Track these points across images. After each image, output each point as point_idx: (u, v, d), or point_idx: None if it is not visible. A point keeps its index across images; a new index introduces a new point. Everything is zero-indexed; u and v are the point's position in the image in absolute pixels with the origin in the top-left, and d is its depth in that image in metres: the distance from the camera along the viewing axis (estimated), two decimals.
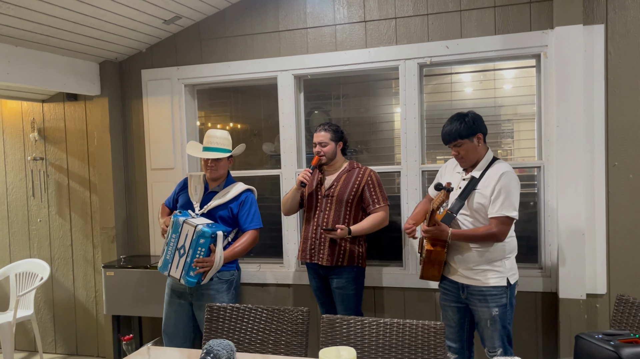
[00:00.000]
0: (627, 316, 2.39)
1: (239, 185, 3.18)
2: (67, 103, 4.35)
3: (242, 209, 3.10)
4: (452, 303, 2.85)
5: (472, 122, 2.69)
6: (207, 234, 2.86)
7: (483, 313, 2.72)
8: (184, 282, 2.91)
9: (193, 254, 2.87)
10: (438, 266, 2.79)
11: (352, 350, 1.59)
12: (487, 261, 2.70)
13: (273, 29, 3.81)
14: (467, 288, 2.75)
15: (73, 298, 4.47)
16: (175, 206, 3.26)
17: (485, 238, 2.65)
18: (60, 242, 4.48)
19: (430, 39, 3.48)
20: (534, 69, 3.46)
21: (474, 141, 2.70)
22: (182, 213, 3.01)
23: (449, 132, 2.70)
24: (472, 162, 2.74)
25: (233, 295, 3.14)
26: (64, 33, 3.44)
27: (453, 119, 2.73)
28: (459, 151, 2.72)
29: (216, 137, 3.12)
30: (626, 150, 3.17)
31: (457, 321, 2.86)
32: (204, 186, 3.17)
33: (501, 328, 2.71)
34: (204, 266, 2.90)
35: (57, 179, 4.44)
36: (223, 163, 3.13)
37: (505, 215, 2.61)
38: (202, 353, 1.92)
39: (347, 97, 3.94)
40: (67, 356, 4.51)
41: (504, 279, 2.70)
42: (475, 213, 2.70)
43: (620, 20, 3.14)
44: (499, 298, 2.70)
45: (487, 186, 2.67)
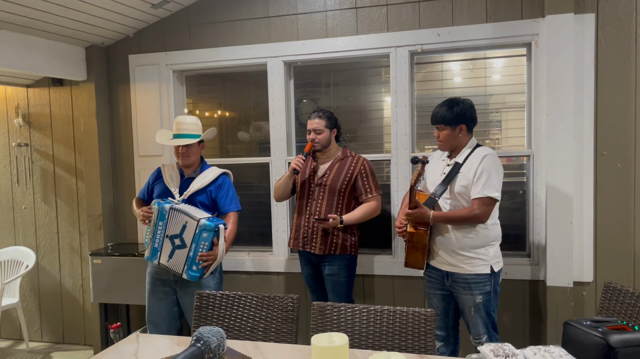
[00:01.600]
0: (615, 303, 2.42)
1: (215, 169, 3.16)
2: (53, 89, 4.27)
3: (220, 192, 3.09)
4: (437, 291, 2.88)
5: (459, 112, 2.74)
6: (211, 228, 2.84)
7: (467, 300, 2.74)
8: (187, 277, 2.89)
9: (196, 248, 2.85)
10: (422, 251, 2.80)
11: (344, 336, 1.59)
12: (470, 247, 2.71)
13: (263, 14, 3.76)
14: (451, 276, 2.77)
15: (59, 286, 4.43)
16: (150, 197, 3.21)
17: (467, 219, 2.67)
18: (46, 230, 4.42)
19: (422, 26, 3.46)
20: (524, 58, 3.46)
21: (455, 130, 2.76)
22: (164, 200, 2.98)
23: (436, 114, 2.79)
24: (448, 147, 2.81)
25: (218, 279, 3.13)
26: (49, 16, 3.36)
27: (445, 103, 2.79)
28: (440, 134, 2.80)
29: (186, 123, 3.09)
30: (615, 139, 3.19)
31: (442, 308, 2.89)
32: (179, 174, 3.14)
33: (485, 315, 2.74)
34: (208, 260, 2.88)
35: (42, 166, 4.37)
36: (194, 149, 3.10)
37: (488, 195, 2.63)
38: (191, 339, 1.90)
39: (337, 85, 3.91)
40: (54, 344, 4.47)
41: (488, 267, 2.73)
42: (459, 196, 2.72)
43: (611, 9, 3.14)
44: (482, 285, 2.72)
45: (469, 169, 2.71)
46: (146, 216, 2.99)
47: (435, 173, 2.85)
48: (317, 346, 1.58)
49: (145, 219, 3.00)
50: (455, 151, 2.82)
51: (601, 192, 3.23)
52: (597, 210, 3.24)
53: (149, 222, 2.99)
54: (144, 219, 3.01)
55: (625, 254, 3.21)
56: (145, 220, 3.00)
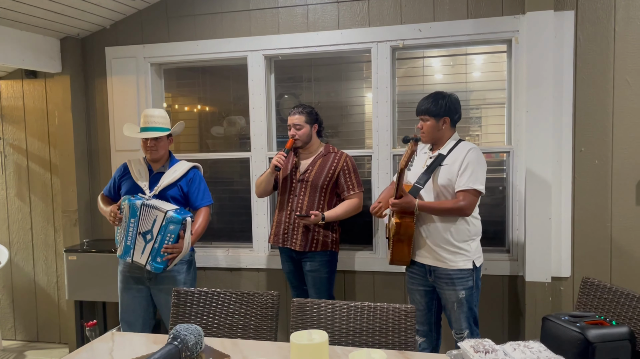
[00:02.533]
0: (592, 298, 2.44)
1: (184, 163, 3.10)
2: (26, 81, 4.16)
3: (191, 186, 3.04)
4: (420, 287, 2.88)
5: (444, 105, 2.77)
6: (178, 220, 2.79)
7: (450, 295, 2.75)
8: (150, 268, 2.84)
9: (162, 240, 2.80)
10: (407, 244, 2.78)
11: (323, 333, 1.57)
12: (453, 241, 2.72)
13: (243, 7, 3.71)
14: (434, 271, 2.78)
15: (33, 283, 4.33)
16: (116, 194, 3.13)
17: (452, 211, 2.68)
18: (19, 225, 4.31)
19: (403, 21, 3.45)
20: (504, 55, 3.48)
21: (439, 122, 2.79)
22: (135, 196, 2.91)
23: (421, 105, 2.81)
24: (430, 139, 2.83)
25: (192, 275, 3.09)
26: (22, 6, 3.26)
27: (432, 95, 2.82)
28: (423, 125, 2.81)
29: (154, 116, 3.02)
30: (593, 136, 3.22)
31: (425, 304, 2.89)
32: (147, 169, 3.06)
33: (468, 310, 2.76)
34: (173, 252, 2.83)
35: (15, 160, 4.26)
36: (163, 143, 3.04)
37: (473, 187, 2.65)
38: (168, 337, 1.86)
39: (318, 80, 3.88)
40: (28, 342, 4.37)
41: (470, 262, 2.75)
42: (442, 188, 2.73)
43: (590, 6, 3.17)
44: (465, 280, 2.74)
45: (454, 162, 2.72)
46: (117, 218, 2.90)
47: (418, 166, 2.84)
48: (296, 344, 1.56)
49: (116, 220, 2.91)
50: (437, 144, 2.84)
51: (579, 188, 3.26)
52: (575, 206, 3.28)
53: (119, 223, 2.91)
54: (115, 220, 2.91)
55: (602, 249, 3.25)
56: (116, 221, 2.91)
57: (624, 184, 3.20)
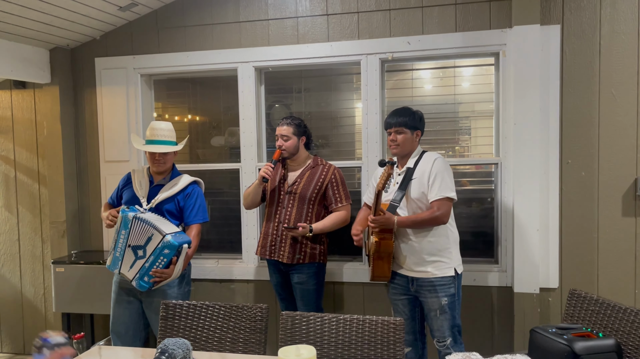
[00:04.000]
0: (579, 310, 2.46)
1: (185, 177, 3.10)
2: (15, 91, 4.14)
3: (187, 202, 3.02)
4: (402, 296, 2.90)
5: (418, 119, 2.88)
6: (174, 246, 2.77)
7: (433, 303, 2.78)
8: (136, 285, 2.83)
9: (153, 261, 2.78)
10: (387, 261, 2.81)
11: (312, 349, 1.56)
12: (433, 250, 2.77)
13: (234, 19, 3.72)
14: (416, 281, 2.81)
15: (20, 295, 4.28)
16: (119, 203, 3.14)
17: (430, 221, 2.73)
18: (6, 237, 4.27)
19: (392, 34, 3.48)
20: (492, 67, 3.52)
21: (413, 134, 2.86)
22: (130, 208, 2.91)
23: (396, 117, 2.86)
24: (405, 151, 2.88)
25: (185, 289, 3.07)
26: (11, 17, 3.25)
27: (403, 110, 2.89)
28: (398, 138, 2.85)
29: (162, 129, 3.04)
30: (579, 148, 3.26)
31: (408, 313, 2.91)
32: (148, 180, 3.07)
33: (451, 318, 2.79)
34: (161, 277, 2.81)
35: (3, 171, 4.23)
36: (170, 156, 3.06)
37: (446, 196, 2.73)
38: (156, 352, 1.86)
39: (308, 91, 3.90)
40: (14, 355, 4.31)
41: (452, 269, 2.80)
42: (416, 201, 2.78)
43: (576, 20, 3.22)
44: (447, 287, 2.78)
45: (423, 174, 2.79)
46: (112, 221, 2.92)
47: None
48: None
49: (111, 224, 2.93)
50: (405, 157, 2.90)
51: (566, 200, 3.29)
52: (562, 217, 3.31)
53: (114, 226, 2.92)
54: (110, 224, 2.93)
55: (589, 260, 3.28)
56: (111, 224, 2.93)
57: (610, 196, 3.23)
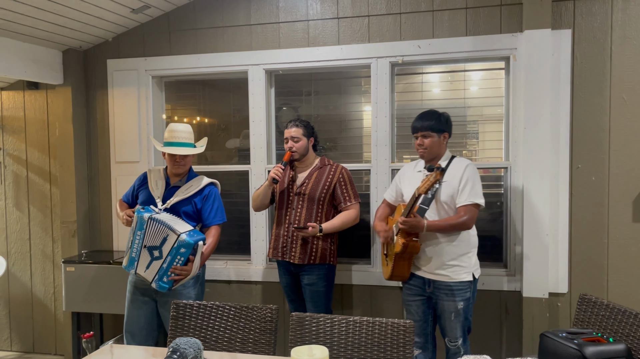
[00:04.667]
0: (590, 315, 2.46)
1: (202, 178, 3.11)
2: (28, 92, 4.19)
3: (205, 203, 3.04)
4: (416, 297, 2.91)
5: (444, 121, 2.87)
6: (190, 245, 2.78)
7: (449, 306, 2.80)
8: (156, 286, 2.84)
9: (171, 261, 2.80)
10: (409, 262, 2.85)
11: (324, 349, 1.57)
12: (455, 255, 2.78)
13: (245, 22, 3.75)
14: (433, 283, 2.82)
15: (30, 294, 4.31)
16: (134, 202, 3.16)
17: (457, 227, 2.75)
18: (17, 236, 4.31)
19: (403, 37, 3.49)
20: (502, 71, 3.52)
21: (440, 137, 2.85)
22: (145, 208, 2.93)
23: (423, 121, 2.85)
24: (432, 155, 2.87)
25: (199, 290, 3.09)
26: (26, 18, 3.30)
27: (429, 113, 2.88)
28: (425, 142, 2.84)
29: (181, 131, 3.05)
30: (589, 153, 3.25)
31: (421, 314, 2.92)
32: (165, 181, 3.08)
33: (464, 320, 2.82)
34: (180, 275, 2.83)
35: (15, 170, 4.27)
36: (190, 158, 3.08)
37: (475, 202, 2.75)
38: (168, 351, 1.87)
39: (317, 94, 3.91)
40: (23, 353, 4.35)
41: (470, 274, 2.81)
42: (444, 205, 2.79)
43: (587, 25, 3.22)
44: (464, 292, 2.80)
45: (453, 178, 2.80)
46: (129, 221, 2.95)
47: (412, 185, 2.87)
48: None
49: (128, 223, 2.96)
50: (433, 160, 2.88)
51: (576, 204, 3.29)
52: (572, 222, 3.30)
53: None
54: (127, 223, 2.97)
55: (599, 265, 3.27)
56: (129, 224, 2.96)
57: (620, 201, 3.22)
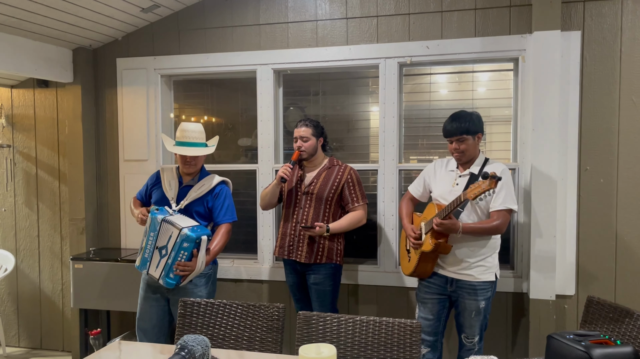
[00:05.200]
0: (597, 317, 2.45)
1: (214, 177, 3.13)
2: (38, 90, 4.22)
3: (216, 202, 3.05)
4: (435, 295, 2.91)
5: (477, 121, 2.83)
6: (192, 239, 2.79)
7: (470, 305, 2.81)
8: (163, 283, 2.86)
9: (175, 256, 2.81)
10: (434, 261, 2.86)
11: (332, 347, 1.58)
12: (479, 254, 2.80)
13: (253, 22, 3.76)
14: (456, 282, 2.83)
15: (38, 291, 4.35)
16: (148, 200, 3.19)
17: (490, 231, 2.76)
18: (26, 233, 4.34)
19: (411, 38, 3.49)
20: (511, 72, 3.51)
21: (475, 139, 2.83)
22: (159, 209, 2.95)
23: (458, 125, 2.78)
24: (469, 157, 2.85)
25: (211, 289, 3.10)
26: (36, 17, 3.32)
27: (461, 115, 2.82)
28: (461, 146, 2.80)
29: (193, 131, 3.07)
30: (598, 155, 3.24)
31: (436, 313, 2.92)
32: (178, 181, 3.10)
33: (483, 318, 2.85)
34: (185, 271, 2.83)
35: (24, 168, 4.30)
36: (201, 158, 3.10)
37: (508, 207, 2.74)
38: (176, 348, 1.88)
39: (324, 94, 3.92)
40: (31, 350, 4.38)
41: (493, 274, 2.84)
42: (478, 207, 2.79)
43: (597, 27, 3.21)
44: (486, 291, 2.82)
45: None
46: (143, 220, 2.98)
47: (444, 184, 2.89)
48: (304, 357, 1.57)
49: (143, 222, 2.99)
50: (469, 162, 2.87)
51: (584, 206, 3.28)
52: (580, 224, 3.29)
53: None
54: (142, 222, 3.00)
55: (607, 268, 3.26)
56: (142, 222, 3.00)
57: (629, 203, 3.21)
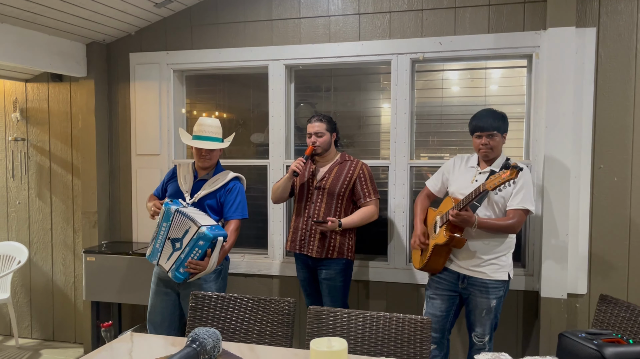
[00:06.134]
0: (609, 316, 2.43)
1: (228, 173, 3.14)
2: (52, 84, 4.26)
3: (228, 197, 3.06)
4: (445, 292, 2.90)
5: (506, 121, 2.86)
6: (209, 238, 2.79)
7: (481, 303, 2.80)
8: (172, 276, 2.87)
9: (189, 253, 2.82)
10: (446, 256, 2.85)
11: (343, 341, 1.58)
12: (495, 253, 2.79)
13: (266, 17, 3.76)
14: (468, 279, 2.82)
15: (51, 283, 4.39)
16: (164, 196, 3.21)
17: (505, 229, 2.75)
18: (39, 225, 4.39)
19: (424, 34, 3.48)
20: (523, 69, 3.49)
21: (502, 137, 2.85)
22: (173, 201, 2.97)
23: (491, 122, 2.80)
24: (495, 155, 2.86)
25: (221, 284, 3.11)
26: (51, 11, 3.35)
27: (494, 113, 2.85)
28: (491, 142, 2.81)
29: (210, 126, 3.09)
30: (612, 153, 3.21)
31: (445, 310, 2.91)
32: (193, 175, 3.13)
33: (493, 317, 2.84)
34: (195, 269, 2.84)
35: (38, 161, 4.35)
36: (216, 152, 3.12)
37: (526, 207, 2.74)
38: (187, 340, 1.89)
39: (335, 90, 3.92)
40: (43, 341, 4.43)
41: (506, 273, 2.82)
42: (495, 204, 2.78)
43: (612, 24, 3.17)
44: (498, 290, 2.81)
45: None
46: (156, 212, 2.99)
47: (463, 180, 2.88)
48: (315, 351, 1.58)
49: (155, 214, 3.00)
50: (492, 161, 2.86)
51: (597, 205, 3.25)
52: (593, 223, 3.26)
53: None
54: (153, 214, 3.01)
55: (619, 267, 3.23)
56: (155, 215, 3.00)
57: None
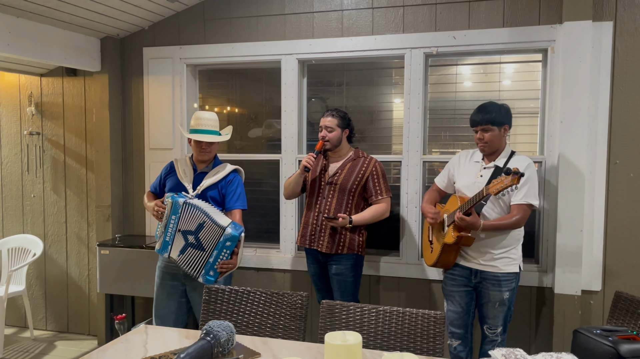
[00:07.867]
0: (625, 312, 2.41)
1: (226, 165, 3.16)
2: (66, 78, 4.29)
3: (229, 188, 3.09)
4: (461, 288, 2.90)
5: (504, 113, 2.80)
6: (235, 238, 2.83)
7: (494, 296, 2.80)
8: (202, 280, 2.88)
9: (217, 255, 2.84)
10: (456, 253, 2.86)
11: (358, 335, 1.58)
12: (503, 247, 2.79)
13: (279, 11, 3.76)
14: (480, 273, 2.82)
15: (65, 276, 4.44)
16: (162, 191, 3.21)
17: (510, 226, 2.74)
18: (54, 219, 4.43)
19: (438, 28, 3.45)
20: (539, 64, 3.45)
21: (500, 130, 2.80)
22: (178, 194, 2.98)
23: (483, 115, 2.78)
24: (493, 149, 2.82)
25: (227, 277, 3.13)
26: (66, 6, 3.37)
27: (488, 105, 2.82)
28: (485, 136, 2.78)
29: (208, 119, 3.10)
30: (628, 148, 3.17)
31: (464, 305, 2.91)
32: (192, 169, 3.15)
33: (507, 309, 2.83)
34: (228, 269, 2.87)
35: (53, 155, 4.39)
36: (215, 145, 3.13)
37: (530, 203, 2.72)
38: (201, 333, 1.91)
39: (347, 85, 3.91)
40: (58, 333, 4.48)
41: (517, 266, 2.82)
42: (499, 200, 2.77)
43: (629, 17, 3.13)
44: (510, 282, 2.81)
45: None
46: (159, 212, 2.99)
47: (469, 176, 2.87)
48: (330, 344, 1.58)
49: (158, 214, 3.00)
50: (493, 155, 2.84)
51: (612, 201, 3.22)
52: (608, 219, 3.23)
53: (161, 218, 2.98)
54: (157, 214, 3.00)
55: (635, 264, 3.20)
56: (158, 215, 3.00)
57: None
